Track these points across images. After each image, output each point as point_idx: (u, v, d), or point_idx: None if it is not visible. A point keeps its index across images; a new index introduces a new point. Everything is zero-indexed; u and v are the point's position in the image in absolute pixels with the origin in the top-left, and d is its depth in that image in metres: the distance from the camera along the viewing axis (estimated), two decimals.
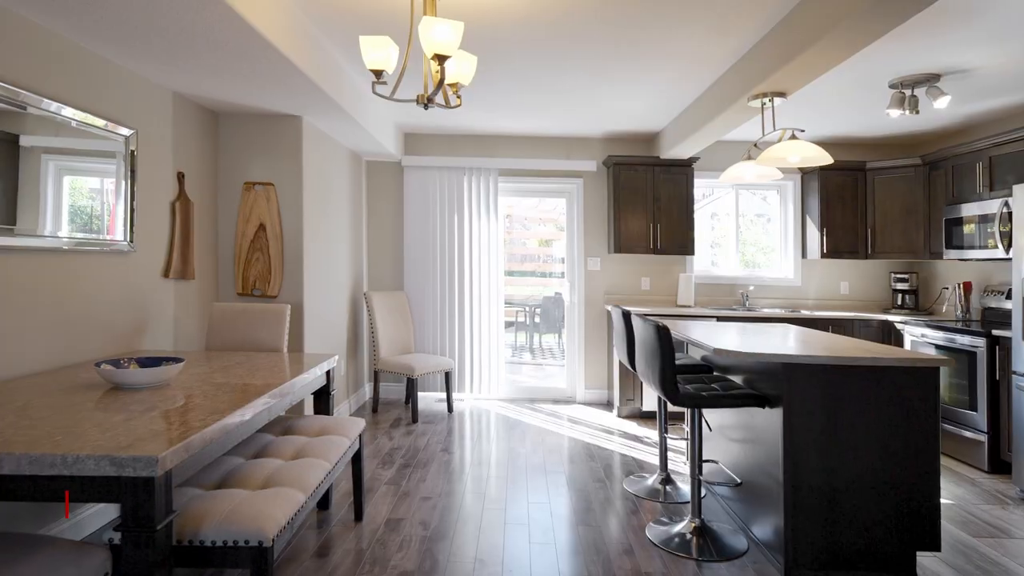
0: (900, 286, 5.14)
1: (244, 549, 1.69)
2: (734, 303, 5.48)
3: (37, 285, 2.45)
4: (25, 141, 2.36)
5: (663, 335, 2.56)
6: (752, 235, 5.89)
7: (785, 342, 2.82)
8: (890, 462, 2.44)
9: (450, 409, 5.05)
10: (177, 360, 2.33)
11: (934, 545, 2.43)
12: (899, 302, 5.15)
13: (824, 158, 2.99)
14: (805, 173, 5.42)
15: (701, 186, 5.61)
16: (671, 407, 4.82)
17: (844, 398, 2.45)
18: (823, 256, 5.13)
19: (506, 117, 4.82)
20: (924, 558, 2.59)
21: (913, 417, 2.44)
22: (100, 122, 2.72)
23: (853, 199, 5.11)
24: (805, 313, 4.87)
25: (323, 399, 2.97)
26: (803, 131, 3.24)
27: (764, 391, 2.63)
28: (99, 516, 2.75)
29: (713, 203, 6.12)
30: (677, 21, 2.92)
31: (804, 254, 5.42)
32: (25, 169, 2.37)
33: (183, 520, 1.72)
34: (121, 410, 1.83)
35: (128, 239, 2.94)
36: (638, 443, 4.26)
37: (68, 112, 2.53)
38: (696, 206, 5.77)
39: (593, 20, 2.93)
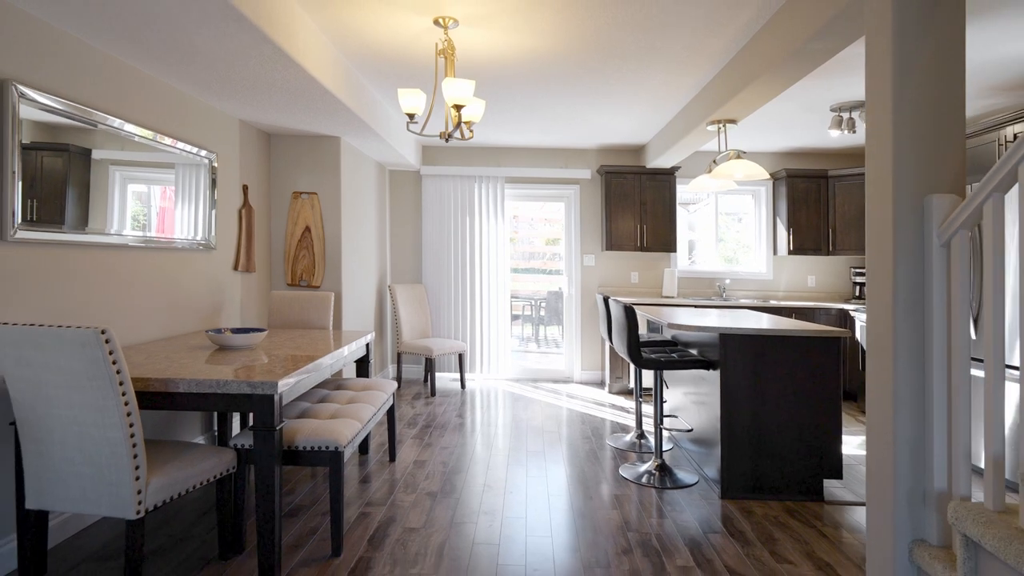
0: (859, 279, 5.83)
1: (325, 452, 2.45)
2: (713, 295, 6.19)
3: (157, 274, 3.24)
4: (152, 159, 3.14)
5: (629, 313, 3.30)
6: (736, 235, 6.58)
7: (727, 320, 3.54)
8: (803, 410, 3.16)
9: (463, 386, 5.81)
10: (260, 330, 3.10)
11: (837, 474, 3.15)
12: (858, 293, 5.84)
13: (761, 174, 3.71)
14: (775, 179, 6.11)
15: (683, 191, 6.32)
16: (646, 383, 5.53)
17: (767, 361, 3.17)
18: (790, 253, 5.83)
19: (512, 133, 5.57)
20: (833, 487, 3.30)
21: (820, 375, 3.16)
22: (193, 148, 3.51)
23: (817, 202, 5.81)
24: (774, 303, 5.57)
25: (363, 366, 3.74)
26: (745, 152, 3.95)
27: (709, 357, 3.36)
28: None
29: (709, 206, 6.79)
30: (649, 62, 3.66)
31: (775, 251, 6.11)
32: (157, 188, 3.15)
33: (285, 433, 2.48)
34: (233, 361, 2.60)
35: (212, 239, 3.73)
36: (624, 413, 5.00)
37: (183, 146, 3.32)
38: (694, 208, 6.48)
39: (583, 63, 3.67)
